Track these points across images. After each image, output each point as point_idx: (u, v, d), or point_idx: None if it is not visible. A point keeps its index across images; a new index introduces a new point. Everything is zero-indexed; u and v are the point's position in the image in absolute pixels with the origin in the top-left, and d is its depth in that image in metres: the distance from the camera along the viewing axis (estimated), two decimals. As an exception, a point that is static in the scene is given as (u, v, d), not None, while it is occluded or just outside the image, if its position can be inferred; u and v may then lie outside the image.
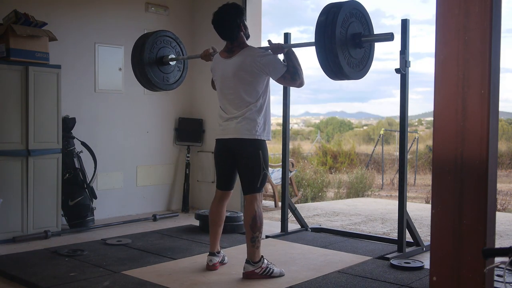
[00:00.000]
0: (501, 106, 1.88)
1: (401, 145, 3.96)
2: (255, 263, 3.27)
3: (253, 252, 3.28)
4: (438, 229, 1.77)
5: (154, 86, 4.02)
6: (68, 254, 3.82)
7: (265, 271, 3.28)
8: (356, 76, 3.18)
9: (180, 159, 6.02)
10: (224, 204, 3.55)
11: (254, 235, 3.27)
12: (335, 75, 3.11)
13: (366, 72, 3.27)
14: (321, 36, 3.00)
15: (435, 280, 1.77)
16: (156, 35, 4.02)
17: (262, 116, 3.31)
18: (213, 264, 3.47)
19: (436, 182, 1.78)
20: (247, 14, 5.53)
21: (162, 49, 4.02)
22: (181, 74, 4.20)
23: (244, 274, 3.29)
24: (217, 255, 3.53)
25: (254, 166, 3.29)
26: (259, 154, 3.29)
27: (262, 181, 3.32)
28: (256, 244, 3.28)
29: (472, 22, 1.68)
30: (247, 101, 3.28)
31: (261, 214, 3.33)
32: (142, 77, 3.98)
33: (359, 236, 4.56)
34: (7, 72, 4.27)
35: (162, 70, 4.04)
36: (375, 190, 10.16)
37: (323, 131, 26.66)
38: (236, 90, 3.30)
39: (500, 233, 4.87)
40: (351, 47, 3.08)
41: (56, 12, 4.97)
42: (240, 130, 3.27)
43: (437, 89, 1.77)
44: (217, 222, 3.54)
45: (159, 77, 4.02)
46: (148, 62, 3.93)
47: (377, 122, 29.23)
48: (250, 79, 3.27)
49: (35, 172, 4.42)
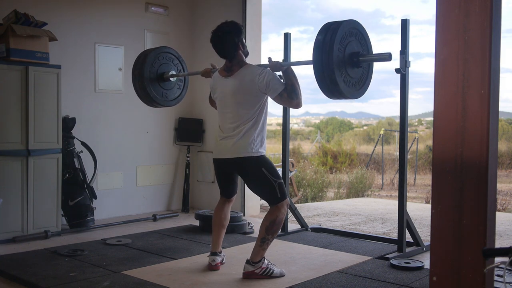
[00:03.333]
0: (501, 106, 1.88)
1: (401, 145, 3.96)
2: (254, 263, 3.27)
3: (257, 252, 3.28)
4: (438, 229, 1.77)
5: (154, 101, 4.04)
6: (68, 254, 3.82)
7: (265, 272, 3.28)
8: (353, 95, 3.12)
9: (180, 159, 6.02)
10: (229, 207, 3.64)
11: (267, 237, 3.28)
12: (332, 93, 3.06)
13: (364, 92, 3.21)
14: (318, 53, 2.96)
15: (435, 280, 1.77)
16: (159, 51, 4.05)
17: (258, 132, 3.31)
18: (216, 264, 3.48)
19: (436, 182, 1.78)
20: (247, 15, 5.53)
21: (164, 65, 4.05)
22: (181, 92, 4.22)
23: (244, 274, 3.29)
24: (219, 255, 3.55)
25: (264, 184, 3.30)
26: (263, 172, 3.28)
27: (280, 190, 3.31)
28: (264, 246, 3.29)
29: (472, 22, 1.68)
30: (244, 119, 3.29)
31: (282, 221, 3.32)
32: (142, 92, 4.00)
33: (359, 236, 4.56)
34: (7, 72, 4.27)
35: (162, 86, 4.06)
36: (375, 190, 10.16)
37: (323, 131, 26.67)
38: (234, 109, 3.31)
39: (500, 233, 4.87)
40: (348, 66, 3.04)
41: (56, 12, 4.97)
42: (237, 150, 3.28)
43: (437, 89, 1.77)
44: (222, 224, 3.59)
45: (159, 93, 4.04)
46: (148, 77, 3.95)
47: (377, 122, 29.25)
48: (248, 98, 3.27)
49: (35, 172, 4.42)
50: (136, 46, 5.58)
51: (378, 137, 13.76)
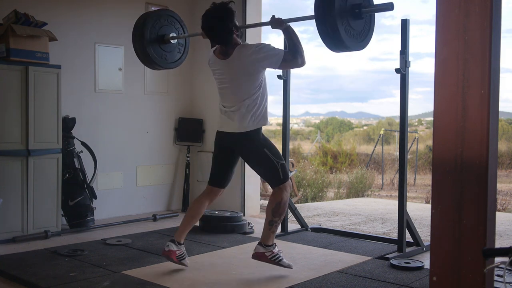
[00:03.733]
0: (501, 106, 1.88)
1: (401, 145, 3.96)
2: (267, 245, 3.30)
3: (267, 235, 3.30)
4: (438, 229, 1.77)
5: (153, 62, 3.95)
6: (68, 254, 3.82)
7: (274, 257, 3.30)
8: (356, 47, 3.14)
9: (180, 159, 6.02)
10: (210, 201, 3.49)
11: (274, 219, 3.29)
12: (335, 45, 3.07)
13: (366, 44, 3.22)
14: (320, 6, 2.98)
15: (435, 280, 1.77)
16: (161, 13, 3.97)
17: (261, 107, 3.32)
18: (169, 250, 3.34)
19: (436, 182, 1.78)
20: (247, 14, 5.53)
21: (165, 27, 3.96)
22: (181, 56, 4.12)
23: (254, 254, 3.32)
24: (177, 245, 3.38)
25: (267, 165, 3.31)
26: (265, 152, 3.28)
27: (283, 172, 3.31)
28: (272, 229, 3.30)
29: (472, 22, 1.68)
30: (246, 97, 3.28)
31: (287, 202, 3.34)
32: (142, 53, 3.91)
33: (359, 236, 4.56)
34: (7, 72, 4.27)
35: (163, 48, 3.97)
36: (375, 190, 10.16)
37: (323, 131, 26.68)
38: (235, 89, 3.31)
39: (500, 233, 4.87)
40: (350, 17, 3.05)
41: (56, 12, 4.97)
42: (240, 125, 3.28)
43: (437, 89, 1.77)
44: (195, 216, 3.46)
45: (159, 54, 3.95)
46: (149, 38, 3.87)
47: (377, 122, 29.25)
48: (248, 78, 3.27)
49: (35, 172, 4.42)
50: (136, 46, 5.58)
51: (378, 137, 13.77)
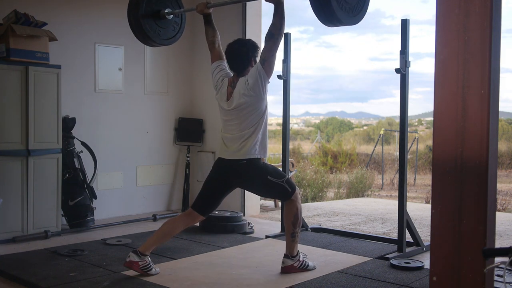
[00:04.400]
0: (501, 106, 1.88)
1: (401, 145, 3.96)
2: (293, 257, 3.41)
3: (292, 247, 3.41)
4: (438, 229, 1.77)
5: (147, 37, 3.89)
6: (68, 254, 3.82)
7: (302, 265, 3.43)
8: (349, 21, 3.09)
9: (180, 159, 6.02)
10: (186, 225, 3.44)
11: (295, 231, 3.40)
12: (327, 19, 3.02)
13: (361, 19, 3.17)
14: None
15: (435, 280, 1.77)
16: None
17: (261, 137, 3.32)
18: (130, 261, 3.26)
19: (436, 182, 1.78)
20: (247, 14, 5.53)
21: (161, 2, 3.91)
22: (176, 34, 4.08)
23: (283, 268, 3.41)
24: (139, 256, 3.28)
25: (274, 189, 3.36)
26: (268, 179, 3.30)
27: (290, 186, 3.38)
28: (295, 239, 3.41)
29: (472, 22, 1.68)
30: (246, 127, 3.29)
31: (301, 211, 3.44)
32: (136, 27, 3.86)
33: (359, 236, 4.56)
34: (7, 72, 4.27)
35: (158, 24, 3.92)
36: (375, 190, 10.16)
37: (323, 131, 26.68)
38: (237, 121, 3.32)
39: (500, 233, 4.87)
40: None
41: (56, 12, 4.97)
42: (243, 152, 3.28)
43: (437, 89, 1.77)
44: (166, 235, 3.39)
45: (153, 29, 3.90)
46: (144, 13, 3.81)
47: (377, 122, 29.27)
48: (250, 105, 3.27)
49: (35, 172, 4.42)
50: (136, 46, 5.58)
51: (378, 137, 13.77)
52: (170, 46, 5.36)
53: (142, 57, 5.67)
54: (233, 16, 5.53)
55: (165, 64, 5.88)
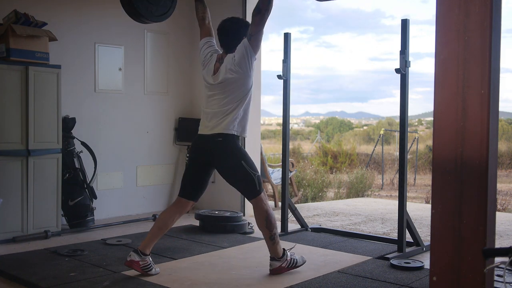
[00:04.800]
0: (501, 106, 1.88)
1: (401, 145, 3.96)
2: (280, 258, 3.35)
3: (275, 249, 3.35)
4: (438, 229, 1.77)
5: (139, 14, 3.85)
6: (68, 254, 3.82)
7: (290, 263, 3.38)
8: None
9: (180, 159, 6.02)
10: (180, 214, 3.43)
11: (272, 233, 3.33)
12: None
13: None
14: None
15: (435, 280, 1.77)
16: None
17: (240, 113, 3.30)
18: (131, 260, 3.26)
19: (436, 182, 1.78)
20: (247, 14, 5.53)
21: None
22: (167, 11, 4.02)
23: (272, 270, 3.36)
24: (140, 255, 3.29)
25: (244, 179, 3.31)
26: (242, 165, 3.26)
27: (259, 183, 3.33)
28: (275, 240, 3.34)
29: (472, 22, 1.68)
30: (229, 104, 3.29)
31: (270, 210, 3.36)
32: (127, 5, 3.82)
33: (359, 236, 4.56)
34: (7, 72, 4.26)
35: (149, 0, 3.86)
36: (375, 190, 10.16)
37: (323, 131, 26.68)
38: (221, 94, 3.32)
39: (500, 233, 4.87)
40: None
41: (56, 12, 4.97)
42: (218, 127, 3.27)
43: (437, 89, 1.77)
44: (162, 228, 3.37)
45: (144, 5, 3.84)
46: None
47: (377, 122, 29.27)
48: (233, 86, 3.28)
49: (35, 172, 4.42)
50: (136, 46, 5.58)
51: (378, 137, 13.76)
52: (170, 46, 5.39)
53: (142, 57, 5.67)
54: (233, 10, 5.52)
55: (165, 64, 5.88)
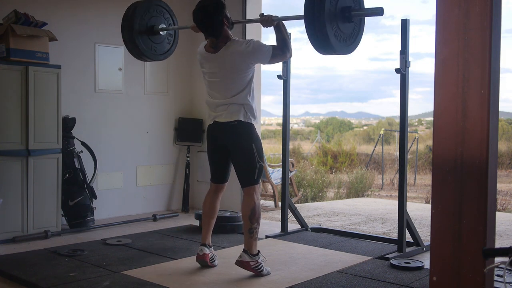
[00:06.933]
0: (501, 106, 1.89)
1: (401, 145, 3.96)
2: (253, 255, 3.31)
3: (250, 244, 3.31)
4: (438, 229, 1.77)
5: (143, 55, 3.93)
6: (68, 254, 3.82)
7: (257, 267, 3.31)
8: (344, 50, 3.13)
9: (180, 159, 6.02)
10: (219, 196, 3.61)
11: (252, 226, 3.31)
12: (323, 48, 3.06)
13: (355, 48, 3.21)
14: (310, 7, 2.97)
15: (435, 280, 1.77)
16: (150, 3, 3.91)
17: (248, 101, 3.33)
18: (204, 253, 3.43)
19: (436, 182, 1.78)
20: (247, 14, 5.53)
21: (154, 18, 3.91)
22: (170, 47, 4.09)
23: (239, 262, 3.31)
24: (209, 248, 3.49)
25: (249, 160, 3.33)
26: (252, 147, 3.32)
27: (258, 173, 3.36)
28: (253, 236, 3.31)
29: (472, 22, 1.68)
30: (233, 93, 3.32)
31: (260, 205, 3.37)
32: (130, 44, 3.88)
33: (359, 236, 4.56)
34: (7, 72, 4.26)
35: (152, 40, 3.93)
36: (375, 190, 10.16)
37: (323, 131, 26.67)
38: (223, 85, 3.34)
39: (500, 233, 4.87)
40: (340, 20, 3.03)
41: (56, 12, 4.97)
42: (232, 114, 3.31)
43: (437, 89, 1.77)
44: (211, 214, 3.56)
45: (148, 46, 3.91)
46: (138, 28, 3.82)
47: (377, 122, 29.27)
48: (236, 74, 3.30)
49: (35, 172, 4.42)
50: (136, 46, 5.57)
51: (378, 137, 13.77)
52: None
53: (142, 57, 5.66)
54: (233, 17, 5.52)
55: (165, 64, 5.87)
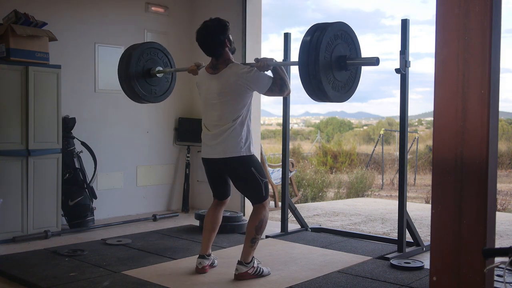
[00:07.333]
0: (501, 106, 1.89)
1: (401, 145, 3.96)
2: (247, 263, 3.30)
3: (248, 253, 3.31)
4: (438, 229, 1.77)
5: (141, 99, 3.94)
6: (68, 254, 3.82)
7: (256, 271, 3.32)
8: (340, 99, 3.09)
9: (180, 159, 6.02)
10: (221, 210, 3.60)
11: (256, 237, 3.31)
12: (319, 98, 3.02)
13: (350, 95, 3.17)
14: (305, 55, 2.90)
15: (435, 280, 1.77)
16: (143, 47, 3.92)
17: (244, 131, 3.28)
18: (203, 267, 3.43)
19: (436, 182, 1.78)
20: (247, 14, 5.53)
21: (149, 61, 3.93)
22: (169, 86, 4.10)
23: (237, 275, 3.29)
24: (207, 258, 3.48)
25: (253, 184, 3.32)
26: (252, 171, 3.29)
27: (265, 189, 3.35)
28: (254, 246, 3.32)
29: (472, 22, 1.68)
30: (230, 118, 3.26)
31: (267, 219, 3.39)
32: (129, 90, 3.90)
33: (359, 236, 4.56)
34: (7, 72, 4.26)
35: (150, 83, 3.94)
36: (375, 190, 10.16)
37: (323, 131, 26.66)
38: (220, 107, 3.28)
39: (500, 233, 4.87)
40: (335, 69, 2.98)
41: (56, 12, 4.97)
42: (226, 149, 3.26)
43: (437, 89, 1.77)
44: (213, 227, 3.54)
45: (147, 90, 3.93)
46: (134, 75, 3.83)
47: (377, 122, 29.26)
48: (234, 97, 3.24)
49: (35, 172, 4.42)
50: (136, 46, 5.57)
51: (378, 137, 13.76)
52: (170, 46, 5.37)
53: (142, 57, 5.66)
54: (233, 17, 5.53)
55: (165, 64, 5.87)
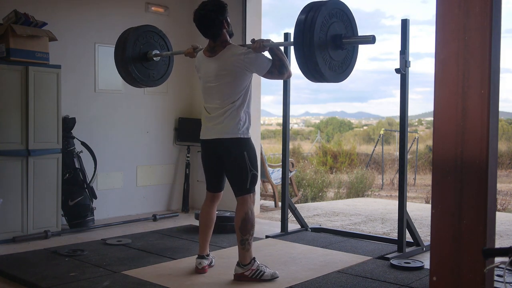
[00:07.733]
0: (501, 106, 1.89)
1: (401, 145, 3.96)
2: (244, 265, 3.23)
3: (243, 255, 3.24)
4: (438, 229, 1.77)
5: (139, 83, 3.91)
6: (68, 254, 3.82)
7: (255, 274, 3.23)
8: (337, 79, 3.06)
9: (180, 159, 6.02)
10: (215, 206, 3.52)
11: (244, 238, 3.22)
12: (315, 79, 3.01)
13: (348, 74, 3.14)
14: (300, 34, 2.87)
15: (435, 280, 1.77)
16: (138, 31, 3.88)
17: (243, 113, 3.23)
18: (203, 267, 3.40)
19: (436, 182, 1.78)
20: (247, 14, 5.53)
21: (146, 44, 3.89)
22: (167, 69, 4.05)
23: (235, 275, 3.27)
24: (206, 258, 3.45)
25: (240, 168, 3.23)
26: (244, 155, 3.22)
27: (251, 182, 3.26)
28: (246, 247, 3.23)
29: (472, 22, 1.68)
30: (229, 100, 3.20)
31: (253, 216, 3.27)
32: (126, 75, 3.86)
33: (359, 236, 4.56)
34: (7, 72, 4.27)
35: (147, 66, 3.90)
36: (375, 190, 10.16)
37: (323, 131, 26.67)
38: (219, 90, 3.23)
39: (500, 233, 4.87)
40: (331, 49, 2.95)
41: (56, 12, 4.97)
42: (223, 130, 3.21)
43: (437, 89, 1.77)
44: (208, 224, 3.47)
45: (144, 74, 3.89)
46: (131, 59, 3.79)
47: (377, 122, 29.27)
48: (233, 79, 3.18)
49: (35, 172, 4.42)
50: (136, 46, 5.57)
51: (378, 137, 13.76)
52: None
53: (142, 57, 5.66)
54: (233, 17, 5.53)
55: (165, 64, 5.87)
